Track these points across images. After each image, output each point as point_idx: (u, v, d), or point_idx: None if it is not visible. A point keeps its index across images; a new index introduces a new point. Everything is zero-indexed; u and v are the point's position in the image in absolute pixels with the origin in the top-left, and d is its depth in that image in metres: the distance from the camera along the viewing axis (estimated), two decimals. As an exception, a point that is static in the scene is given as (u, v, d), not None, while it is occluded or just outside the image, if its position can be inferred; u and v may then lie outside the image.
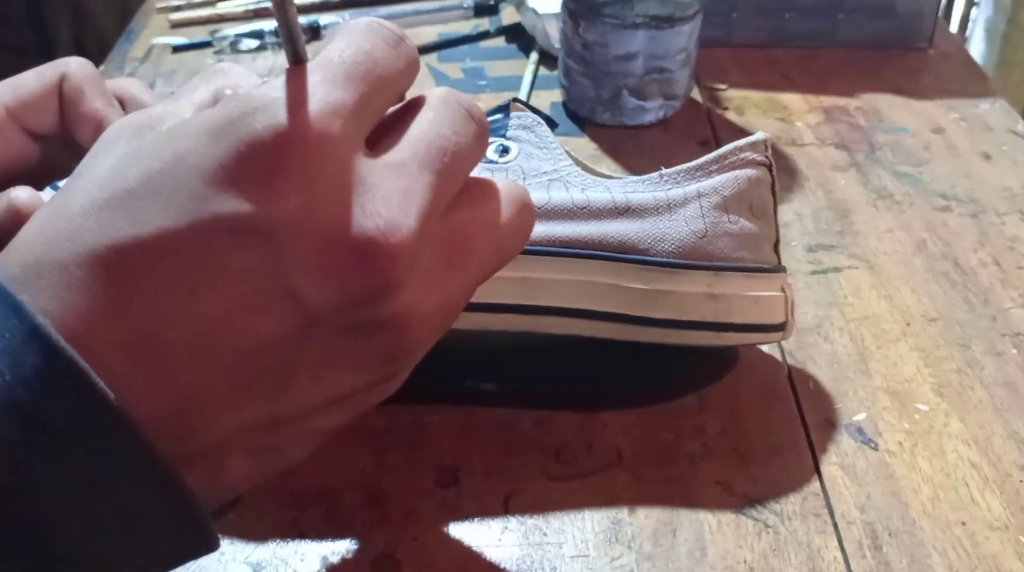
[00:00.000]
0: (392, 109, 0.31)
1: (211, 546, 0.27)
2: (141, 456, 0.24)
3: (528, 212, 0.32)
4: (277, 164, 0.25)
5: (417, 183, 0.28)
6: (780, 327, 0.45)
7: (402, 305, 0.27)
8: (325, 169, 0.26)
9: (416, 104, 0.30)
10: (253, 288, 0.25)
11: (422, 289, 0.28)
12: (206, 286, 0.25)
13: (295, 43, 0.28)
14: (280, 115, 0.26)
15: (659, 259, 0.43)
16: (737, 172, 0.44)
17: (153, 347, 0.25)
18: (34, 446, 0.23)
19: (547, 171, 0.45)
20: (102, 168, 0.27)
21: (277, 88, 0.27)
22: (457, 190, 0.30)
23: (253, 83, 0.32)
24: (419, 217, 0.27)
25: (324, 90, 0.27)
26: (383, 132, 0.29)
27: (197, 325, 0.25)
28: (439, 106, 0.30)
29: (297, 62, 0.28)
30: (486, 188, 0.31)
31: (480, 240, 0.30)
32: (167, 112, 0.29)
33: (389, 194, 0.27)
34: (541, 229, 0.43)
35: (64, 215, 0.26)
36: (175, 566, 0.27)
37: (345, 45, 0.29)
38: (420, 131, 0.29)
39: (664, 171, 0.45)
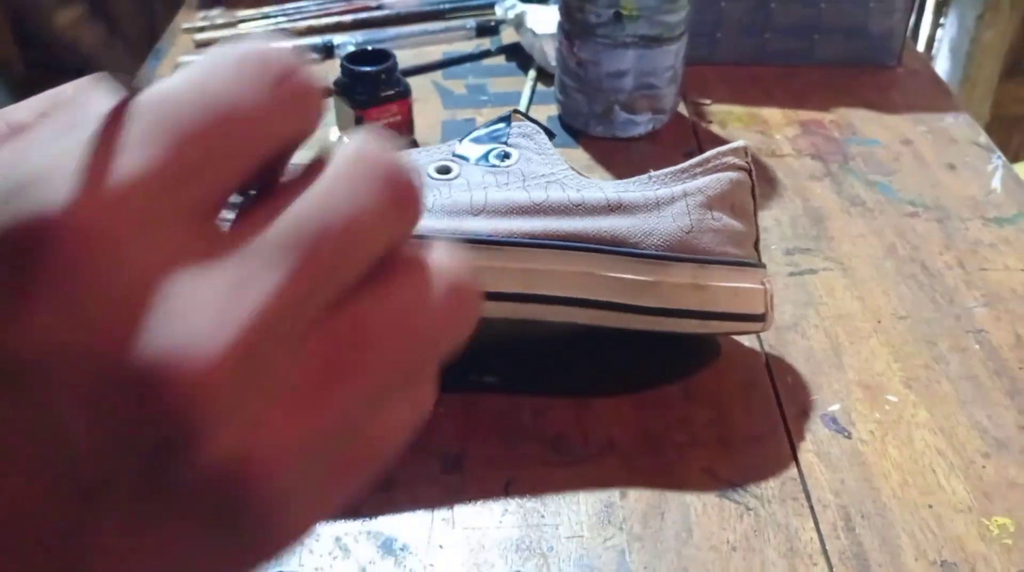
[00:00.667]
0: (292, 173, 0.20)
1: None
2: None
3: (466, 296, 0.21)
4: (29, 271, 0.17)
5: (257, 283, 0.17)
6: (760, 317, 0.45)
7: (225, 452, 0.17)
8: (98, 273, 0.17)
9: (310, 166, 0.20)
10: (12, 438, 0.17)
11: (268, 423, 0.18)
12: None
13: (113, 77, 0.20)
14: (38, 199, 0.17)
15: (649, 252, 0.43)
16: (720, 174, 0.45)
17: None
18: None
19: (545, 174, 0.45)
20: None
21: (56, 152, 0.17)
22: (352, 280, 0.19)
23: (86, 113, 0.19)
24: (243, 329, 0.17)
25: (118, 154, 0.17)
26: (259, 204, 0.19)
27: None
28: (340, 169, 0.19)
29: (128, 88, 0.19)
30: (406, 266, 0.20)
31: (385, 339, 0.19)
32: None
33: (204, 301, 0.17)
34: (540, 224, 0.43)
35: None
36: None
37: (181, 86, 0.18)
38: (298, 207, 0.18)
39: (653, 173, 0.45)
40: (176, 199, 0.18)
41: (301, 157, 0.20)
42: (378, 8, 0.90)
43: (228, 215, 0.19)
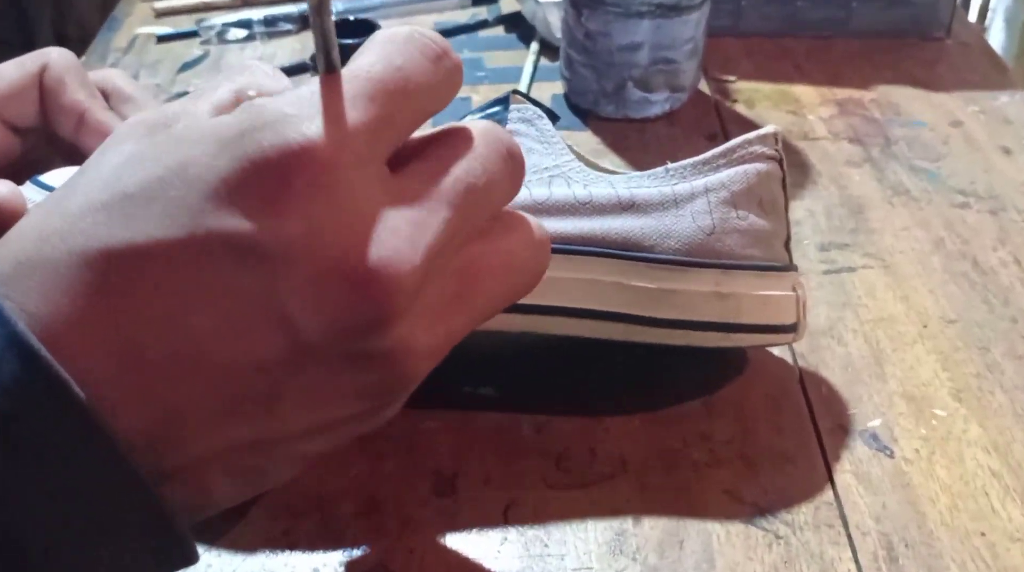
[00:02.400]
0: (431, 131, 0.31)
1: (189, 559, 0.27)
2: (117, 469, 0.24)
3: (545, 253, 0.32)
4: (281, 185, 0.25)
5: (432, 217, 0.27)
6: (791, 328, 0.45)
7: (399, 339, 0.27)
8: (332, 194, 0.26)
9: (454, 134, 0.30)
10: (245, 309, 0.25)
11: (424, 323, 0.28)
12: (196, 302, 0.25)
13: (328, 51, 0.28)
14: (290, 133, 0.25)
15: (665, 257, 0.43)
16: (746, 166, 0.45)
17: (138, 358, 0.25)
18: (11, 455, 0.23)
19: (548, 167, 0.45)
20: (106, 167, 0.27)
21: (294, 102, 0.26)
22: (480, 227, 0.30)
23: (279, 86, 0.31)
24: (426, 251, 0.27)
25: (343, 110, 0.26)
26: (414, 153, 0.29)
27: (184, 340, 0.25)
28: (478, 141, 0.30)
29: (329, 70, 0.28)
30: (515, 224, 0.31)
31: (492, 279, 0.30)
32: (184, 111, 0.29)
33: (399, 225, 0.26)
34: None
35: (61, 213, 0.26)
36: None
37: (376, 59, 0.28)
38: (450, 163, 0.29)
39: (670, 165, 0.45)
40: (379, 144, 0.27)
41: None
42: (361, -27, 0.90)
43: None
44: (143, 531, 0.25)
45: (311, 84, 0.27)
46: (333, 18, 0.28)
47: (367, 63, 0.28)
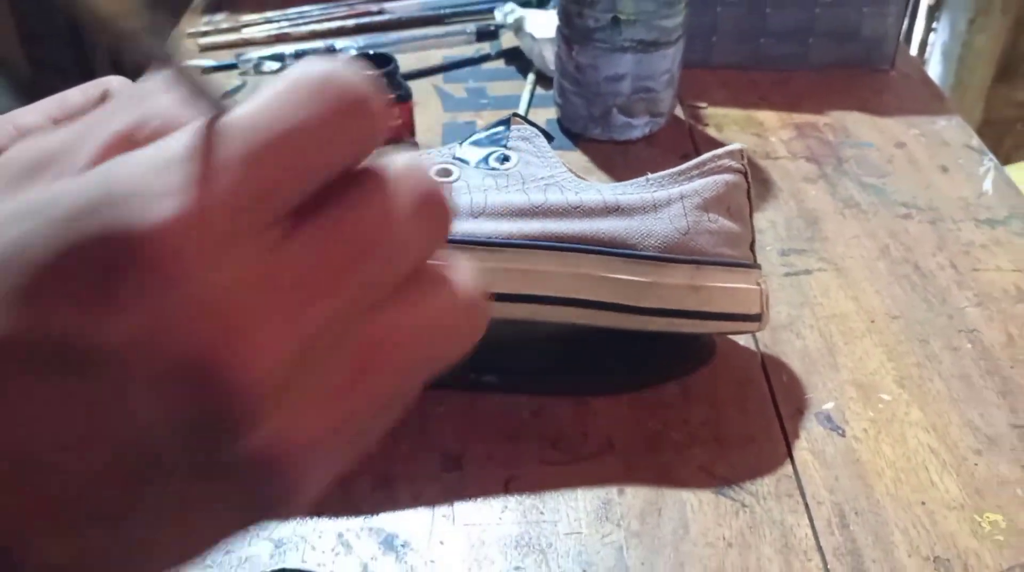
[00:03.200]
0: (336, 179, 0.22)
1: None
2: None
3: (476, 313, 0.23)
4: (118, 277, 0.19)
5: (315, 296, 0.20)
6: (756, 317, 0.45)
7: (269, 439, 0.20)
8: (179, 286, 0.19)
9: (363, 180, 0.21)
10: (79, 420, 0.19)
11: (305, 415, 0.20)
12: (24, 411, 0.20)
13: (202, 97, 0.21)
14: (135, 216, 0.19)
15: (646, 253, 0.43)
16: (716, 177, 0.45)
17: None
18: None
19: (544, 177, 0.45)
20: None
21: (152, 168, 0.19)
22: (389, 290, 0.22)
23: (185, 113, 0.22)
24: (299, 338, 0.20)
25: (209, 178, 0.19)
26: (314, 207, 0.21)
27: (13, 453, 0.20)
28: (395, 187, 0.21)
29: (214, 110, 0.20)
30: (431, 283, 0.22)
31: (405, 350, 0.22)
32: (67, 148, 0.22)
33: (265, 311, 0.20)
34: (539, 226, 0.43)
35: None
36: None
37: (268, 111, 0.20)
38: (348, 223, 0.21)
39: (651, 176, 0.45)
40: (256, 214, 0.20)
41: None
42: (380, 13, 0.90)
43: None
44: None
45: (180, 139, 0.20)
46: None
47: (254, 116, 0.20)
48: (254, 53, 0.84)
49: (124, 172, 0.20)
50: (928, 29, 1.58)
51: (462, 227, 0.43)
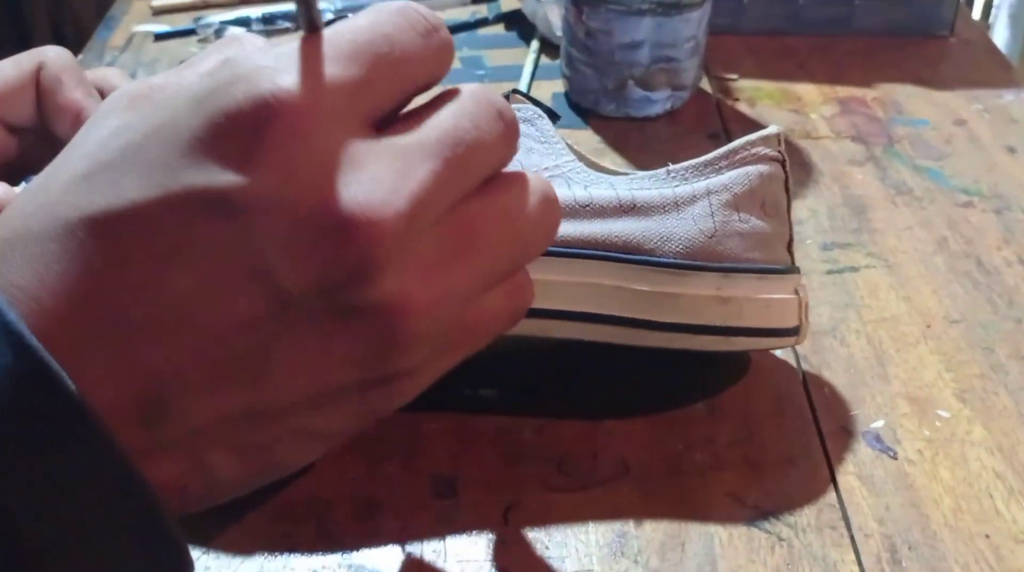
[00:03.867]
0: (421, 100, 0.30)
1: (182, 564, 0.27)
2: (110, 462, 0.24)
3: (551, 207, 0.31)
4: (255, 137, 0.25)
5: (417, 167, 0.27)
6: (793, 331, 0.45)
7: (389, 292, 0.26)
8: (307, 144, 0.25)
9: (444, 96, 0.30)
10: (225, 266, 0.25)
11: (417, 277, 0.27)
12: (175, 262, 0.25)
13: (309, 11, 0.27)
14: (264, 84, 0.25)
15: (666, 260, 0.43)
16: (748, 168, 0.44)
17: (122, 323, 0.25)
18: (3, 448, 0.23)
19: (548, 167, 0.45)
20: (90, 141, 0.27)
21: (269, 57, 0.26)
22: (473, 185, 0.29)
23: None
24: (410, 199, 0.26)
25: (320, 65, 0.26)
26: (402, 119, 0.29)
27: (165, 302, 0.25)
28: (466, 99, 0.29)
29: (311, 30, 0.28)
30: (513, 181, 0.30)
31: (493, 234, 0.29)
32: (168, 82, 0.29)
33: (380, 174, 0.26)
34: None
35: (45, 189, 0.26)
36: None
37: (363, 24, 0.28)
38: (436, 119, 0.28)
39: (671, 167, 0.45)
40: (359, 104, 0.27)
41: None
42: (360, -30, 0.90)
43: None
44: (136, 527, 0.25)
45: (290, 42, 0.27)
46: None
47: (351, 27, 0.28)
48: (215, 17, 0.84)
49: (243, 61, 0.26)
50: (993, -11, 1.58)
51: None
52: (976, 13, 1.57)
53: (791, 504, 0.42)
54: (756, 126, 0.62)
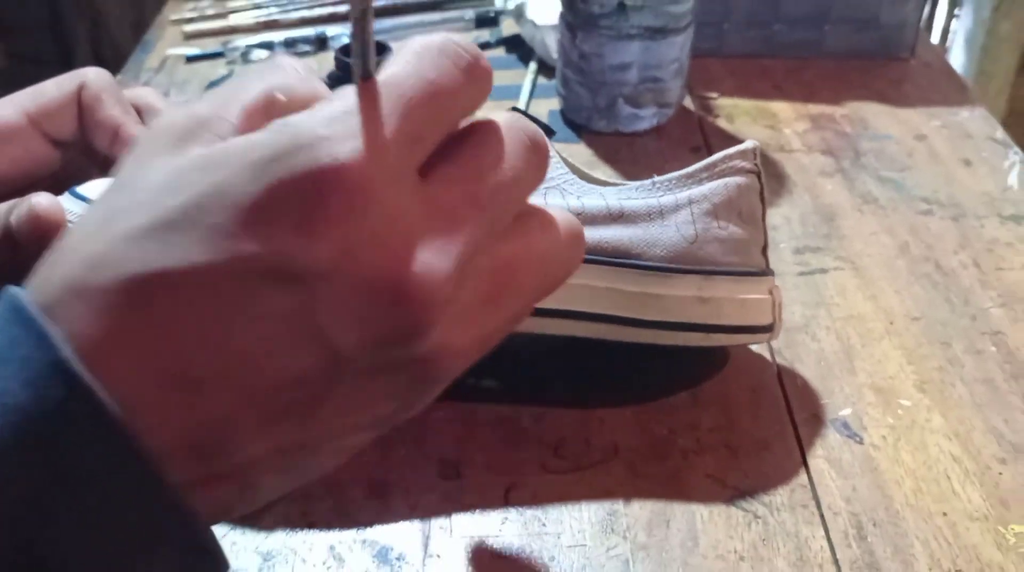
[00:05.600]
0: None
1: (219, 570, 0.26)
2: (151, 489, 0.24)
3: (579, 246, 0.31)
4: (315, 208, 0.24)
5: (463, 224, 0.26)
6: (767, 328, 0.45)
7: (433, 344, 0.26)
8: (365, 214, 0.25)
9: (480, 132, 0.28)
10: (284, 328, 0.25)
11: (457, 327, 0.27)
12: (236, 323, 0.24)
13: (366, 59, 0.26)
14: (323, 157, 0.24)
15: (651, 264, 0.43)
16: (727, 179, 0.44)
17: (181, 376, 0.24)
18: (54, 479, 0.23)
19: (544, 179, 0.45)
20: (144, 188, 0.26)
21: (327, 122, 0.25)
22: (508, 220, 0.28)
23: (308, 89, 0.29)
24: (457, 259, 0.26)
25: (379, 128, 0.25)
26: (442, 158, 0.27)
27: (225, 359, 0.24)
28: (504, 137, 0.28)
29: (365, 77, 0.26)
30: (542, 220, 0.29)
31: (524, 277, 0.28)
32: (212, 116, 0.27)
33: (431, 236, 0.25)
34: None
35: (107, 238, 0.25)
36: None
37: (410, 73, 0.26)
38: (478, 165, 0.27)
39: (656, 178, 0.45)
40: (410, 158, 0.26)
41: None
42: (373, -1, 0.90)
43: None
44: (181, 553, 0.25)
45: (343, 98, 0.26)
46: (372, 29, 0.27)
47: (401, 75, 0.26)
48: (242, 41, 0.84)
49: (303, 124, 0.25)
50: (950, 15, 1.58)
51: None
52: (935, 37, 1.57)
53: (766, 485, 0.42)
54: (734, 141, 0.62)
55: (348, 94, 0.26)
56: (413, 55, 0.27)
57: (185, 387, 0.24)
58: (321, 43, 0.84)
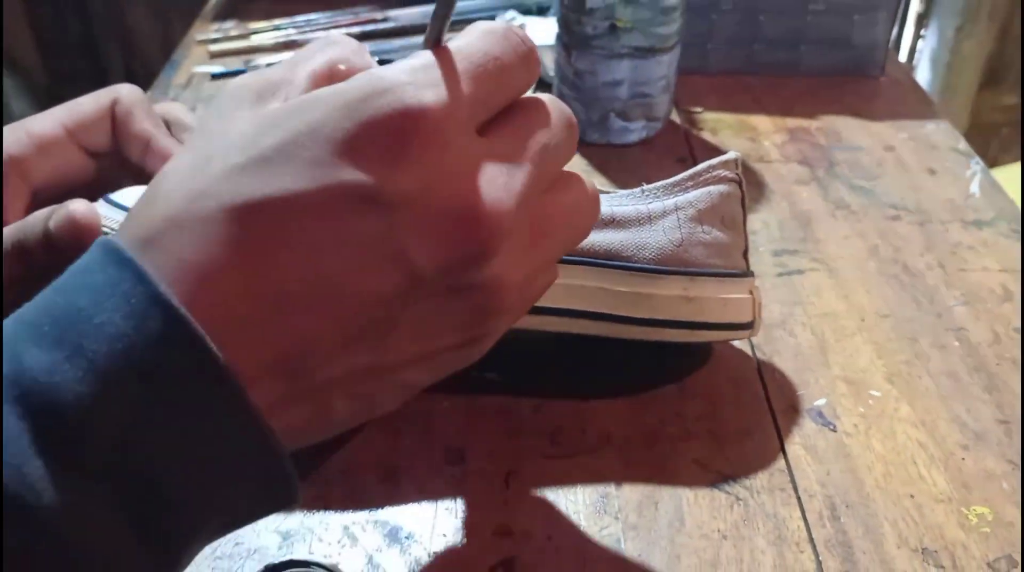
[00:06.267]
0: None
1: (292, 498, 0.27)
2: (243, 416, 0.24)
3: (596, 206, 0.33)
4: (400, 143, 0.26)
5: (519, 171, 0.28)
6: (748, 325, 0.45)
7: (494, 272, 0.28)
8: (442, 151, 0.26)
9: (530, 106, 0.30)
10: (370, 250, 0.26)
11: (512, 260, 0.28)
12: (328, 246, 0.25)
13: (441, 27, 0.28)
14: (408, 99, 0.26)
15: (640, 265, 0.43)
16: (711, 188, 0.44)
17: (276, 296, 0.25)
18: (153, 401, 0.23)
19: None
20: (236, 134, 0.27)
21: (408, 71, 0.27)
22: (550, 181, 0.30)
23: (364, 62, 0.31)
24: (517, 198, 0.27)
25: (453, 82, 0.27)
26: (498, 122, 0.29)
27: (317, 280, 0.25)
28: (550, 112, 0.30)
29: (435, 43, 0.28)
30: (573, 180, 0.31)
31: (559, 227, 0.30)
32: (283, 79, 0.29)
33: (495, 176, 0.27)
34: None
35: (205, 175, 0.26)
36: (259, 516, 0.27)
37: (479, 47, 0.28)
38: (530, 128, 0.29)
39: (645, 186, 0.45)
40: (474, 117, 0.28)
41: None
42: (384, 20, 0.90)
43: None
44: (260, 470, 0.25)
45: (422, 57, 0.27)
46: (455, 4, 0.28)
47: (472, 48, 0.28)
48: (263, 59, 0.84)
49: (387, 74, 0.27)
50: (917, 36, 1.58)
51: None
52: (903, 56, 1.57)
53: (747, 469, 0.42)
54: (718, 152, 0.62)
55: (426, 54, 0.28)
56: (481, 33, 0.29)
57: (278, 306, 0.25)
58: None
